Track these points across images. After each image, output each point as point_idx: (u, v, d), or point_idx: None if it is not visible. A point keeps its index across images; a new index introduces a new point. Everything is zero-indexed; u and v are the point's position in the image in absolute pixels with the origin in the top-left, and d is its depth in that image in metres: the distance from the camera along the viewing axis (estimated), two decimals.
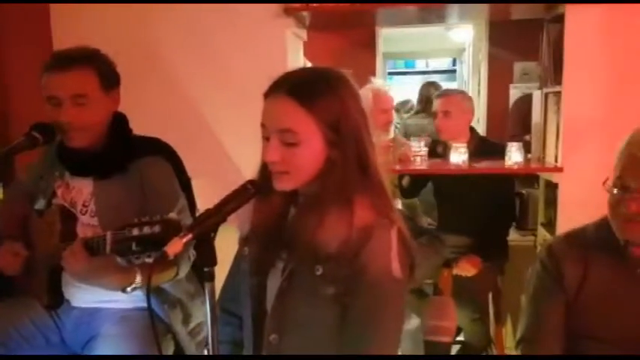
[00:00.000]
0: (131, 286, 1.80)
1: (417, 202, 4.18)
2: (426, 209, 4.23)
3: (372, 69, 5.62)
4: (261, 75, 1.45)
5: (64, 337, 2.15)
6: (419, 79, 8.49)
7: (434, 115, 3.65)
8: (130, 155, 2.09)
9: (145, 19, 3.25)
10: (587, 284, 1.76)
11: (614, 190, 1.64)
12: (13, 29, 3.14)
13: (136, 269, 1.78)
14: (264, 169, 1.48)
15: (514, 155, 3.15)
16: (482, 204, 3.41)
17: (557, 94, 3.15)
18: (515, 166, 3.18)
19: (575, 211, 2.29)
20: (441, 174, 3.57)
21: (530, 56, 4.38)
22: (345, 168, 1.42)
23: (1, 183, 2.73)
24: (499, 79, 5.67)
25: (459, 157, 3.25)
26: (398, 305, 1.48)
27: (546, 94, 3.37)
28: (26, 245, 2.07)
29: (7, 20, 3.11)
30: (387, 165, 1.55)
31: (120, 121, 2.16)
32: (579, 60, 2.99)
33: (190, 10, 3.21)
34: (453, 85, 8.14)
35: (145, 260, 1.58)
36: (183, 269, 2.01)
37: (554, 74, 3.20)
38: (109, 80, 2.06)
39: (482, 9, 3.48)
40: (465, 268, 3.34)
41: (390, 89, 3.86)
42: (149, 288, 1.33)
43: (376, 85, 3.68)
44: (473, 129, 3.66)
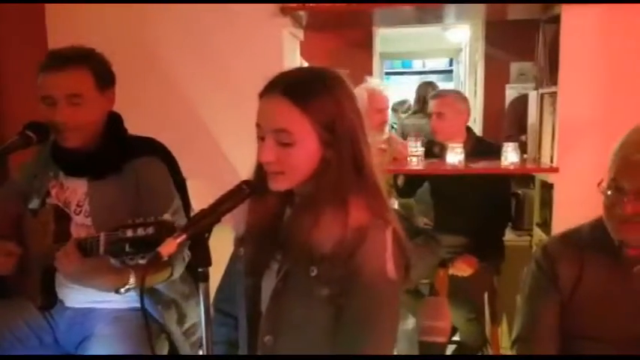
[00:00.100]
0: (125, 287, 1.79)
1: (414, 202, 4.17)
2: (423, 209, 4.23)
3: (369, 69, 5.63)
4: (258, 75, 1.45)
5: (57, 338, 2.14)
6: (416, 79, 8.51)
7: (429, 116, 3.64)
8: (125, 155, 2.08)
9: (141, 19, 3.24)
10: (582, 284, 1.76)
11: (608, 192, 1.64)
12: (8, 29, 3.13)
13: (130, 270, 1.77)
14: (259, 169, 1.48)
15: (510, 155, 3.15)
16: (479, 204, 3.41)
17: (553, 94, 3.15)
18: (511, 167, 3.18)
19: (571, 212, 2.29)
20: (438, 174, 3.56)
21: (527, 56, 4.39)
22: (340, 168, 1.42)
23: None
24: (495, 79, 5.68)
25: (455, 157, 3.24)
26: (393, 306, 1.48)
27: (542, 94, 3.38)
28: (20, 245, 2.06)
29: (2, 20, 3.10)
30: (382, 165, 1.54)
31: (115, 121, 2.15)
32: (575, 61, 2.99)
33: (186, 10, 3.21)
34: (449, 85, 8.15)
35: (139, 262, 1.58)
36: (177, 270, 2.01)
37: (550, 75, 3.20)
38: (104, 80, 2.06)
39: (479, 9, 3.49)
40: (461, 268, 3.33)
41: (386, 89, 3.84)
42: (142, 289, 1.32)
43: (371, 85, 3.67)
44: (469, 129, 3.66)
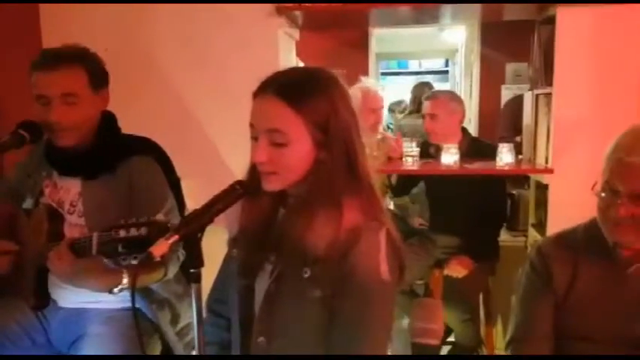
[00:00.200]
0: (118, 287, 1.79)
1: (409, 203, 4.17)
2: (419, 210, 4.23)
3: (365, 69, 5.62)
4: (253, 75, 1.44)
5: (50, 338, 2.14)
6: (412, 79, 8.52)
7: (423, 118, 3.64)
8: (119, 154, 2.08)
9: (137, 19, 3.24)
10: (576, 285, 1.77)
11: (602, 194, 1.64)
12: (2, 29, 3.12)
13: (123, 270, 1.77)
14: (252, 169, 1.48)
15: (505, 156, 3.15)
16: (474, 205, 3.41)
17: (548, 95, 3.15)
18: (506, 167, 3.18)
19: (566, 212, 2.28)
20: (433, 174, 3.55)
21: (522, 57, 4.39)
22: (334, 169, 1.41)
23: None
24: (491, 79, 5.68)
25: (450, 157, 3.24)
26: (386, 307, 1.47)
27: (537, 95, 3.38)
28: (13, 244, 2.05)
29: None
30: (376, 165, 1.54)
31: (108, 121, 2.15)
32: (570, 62, 2.99)
33: (182, 10, 3.20)
34: (445, 86, 8.17)
35: (132, 262, 1.57)
36: (171, 270, 2.00)
37: (544, 76, 3.21)
38: (98, 79, 2.05)
39: (475, 10, 3.48)
40: (456, 269, 3.33)
41: (381, 89, 3.84)
42: (133, 290, 1.32)
43: (366, 85, 3.66)
44: (465, 129, 3.66)
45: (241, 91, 1.47)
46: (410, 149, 3.41)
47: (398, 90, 8.76)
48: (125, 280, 1.79)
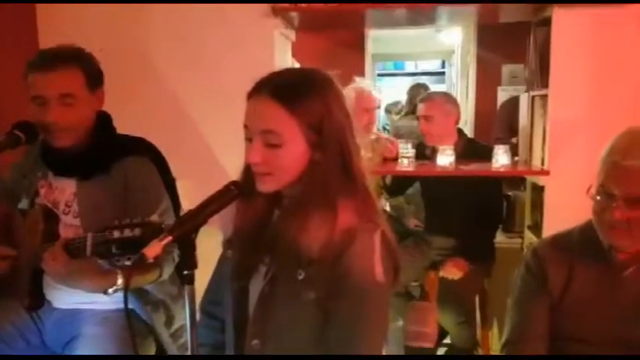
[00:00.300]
0: (112, 288, 1.78)
1: (405, 204, 4.17)
2: (414, 211, 4.23)
3: (361, 70, 5.61)
4: (249, 76, 1.44)
5: (44, 339, 2.13)
6: (408, 80, 8.51)
7: (418, 119, 3.64)
8: (114, 155, 2.07)
9: (132, 19, 3.24)
10: (571, 287, 1.77)
11: (597, 197, 1.64)
12: None
13: (117, 271, 1.77)
14: (247, 170, 1.47)
15: (501, 158, 3.15)
16: (470, 206, 3.40)
17: (544, 97, 3.16)
18: (502, 169, 3.18)
19: (561, 214, 2.28)
20: (429, 176, 3.55)
21: (519, 59, 4.40)
22: (328, 170, 1.41)
23: None
24: (487, 81, 5.68)
25: (445, 159, 3.24)
26: (381, 309, 1.47)
27: (533, 97, 3.38)
28: (9, 245, 2.04)
29: None
30: (371, 166, 1.54)
31: (104, 121, 2.14)
32: (566, 63, 3.00)
33: (178, 11, 3.20)
34: (441, 87, 8.15)
35: (126, 263, 1.57)
36: (166, 271, 2.00)
37: (540, 77, 3.21)
38: (94, 79, 2.05)
39: (471, 11, 3.49)
40: (452, 271, 3.33)
41: (375, 90, 3.82)
42: (126, 291, 1.31)
43: (360, 85, 3.65)
44: (461, 131, 3.66)
45: (237, 92, 1.47)
46: (405, 150, 3.40)
47: (394, 91, 8.76)
48: (120, 281, 1.78)
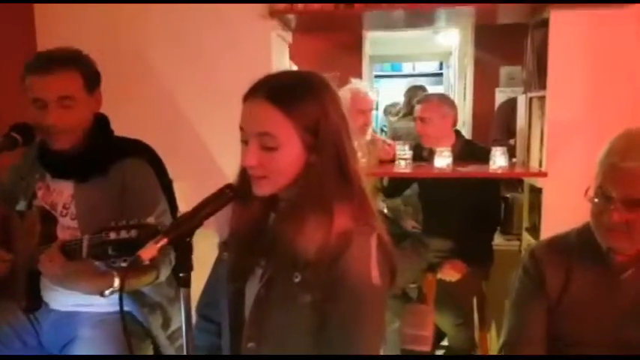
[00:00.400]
0: (109, 290, 1.78)
1: (401, 205, 4.17)
2: (412, 212, 4.23)
3: (359, 72, 5.61)
4: (246, 78, 1.44)
5: (41, 341, 2.13)
6: (406, 82, 8.51)
7: (415, 121, 3.64)
8: (111, 157, 2.08)
9: (130, 20, 3.24)
10: (569, 290, 1.76)
11: (595, 200, 1.64)
12: None
13: (114, 273, 1.77)
14: (243, 173, 1.47)
15: (498, 159, 3.16)
16: (468, 208, 3.40)
17: (542, 98, 3.16)
18: (500, 171, 3.18)
19: (559, 216, 2.29)
20: (426, 177, 3.55)
21: (516, 60, 4.39)
22: (324, 173, 1.40)
23: None
24: (485, 82, 5.68)
25: (443, 160, 3.24)
26: (378, 312, 1.46)
27: (530, 98, 3.38)
28: (6, 247, 2.05)
29: None
30: (367, 168, 1.53)
31: (101, 123, 2.15)
32: (563, 65, 3.00)
33: (175, 13, 3.20)
34: (439, 89, 8.17)
35: (122, 265, 1.58)
36: (163, 273, 2.00)
37: (538, 79, 3.21)
38: (92, 81, 2.05)
39: (469, 13, 3.48)
40: (449, 273, 3.33)
41: (370, 91, 3.82)
42: (121, 293, 1.31)
43: (355, 86, 3.65)
44: (458, 132, 3.66)
45: (233, 94, 1.47)
46: (403, 152, 3.40)
47: (392, 93, 8.77)
48: (116, 283, 1.78)
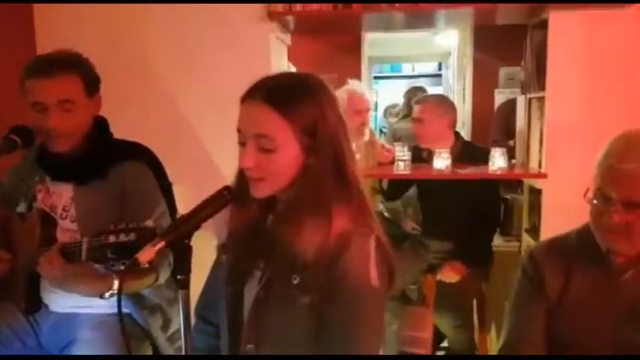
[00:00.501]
0: (108, 292, 1.79)
1: (400, 207, 4.16)
2: (411, 213, 4.22)
3: (358, 73, 5.60)
4: (245, 80, 1.44)
5: (41, 342, 2.14)
6: (405, 83, 8.52)
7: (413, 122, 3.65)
8: (111, 160, 2.08)
9: (130, 21, 3.24)
10: (569, 291, 1.76)
11: (594, 201, 1.63)
12: None
13: (113, 275, 1.77)
14: (240, 175, 1.47)
15: (497, 161, 3.15)
16: (467, 209, 3.40)
17: (541, 99, 3.16)
18: (499, 172, 3.17)
19: (559, 217, 2.28)
20: (425, 179, 3.55)
21: (516, 62, 4.39)
22: (322, 174, 1.41)
23: None
24: (484, 83, 5.67)
25: (442, 162, 3.24)
26: (377, 313, 1.46)
27: (530, 99, 3.38)
28: (6, 249, 2.05)
29: None
30: (365, 169, 1.53)
31: (101, 126, 2.15)
32: (562, 66, 3.00)
33: (174, 15, 3.20)
34: (438, 90, 8.16)
35: (121, 267, 1.59)
36: (162, 275, 2.01)
37: (537, 80, 3.21)
38: (92, 84, 2.07)
39: (468, 14, 3.48)
40: (449, 274, 3.32)
41: (367, 92, 3.80)
42: (119, 296, 1.31)
43: (352, 87, 3.64)
44: (457, 133, 3.66)
45: (233, 96, 1.47)
46: (402, 153, 3.40)
47: (392, 94, 8.77)
48: (116, 286, 1.79)
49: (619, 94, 2.97)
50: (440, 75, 9.18)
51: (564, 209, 2.30)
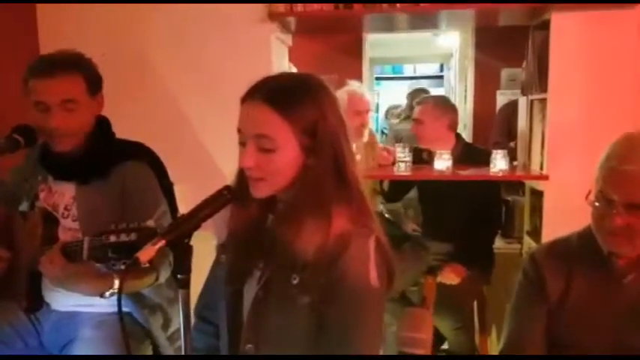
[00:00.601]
0: (109, 292, 1.79)
1: (401, 208, 4.16)
2: (412, 215, 4.22)
3: (359, 74, 5.59)
4: (246, 81, 1.44)
5: (42, 341, 2.14)
6: (407, 84, 8.51)
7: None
8: (113, 159, 2.09)
9: (132, 22, 3.25)
10: (570, 294, 1.76)
11: (596, 204, 1.63)
12: None
13: (114, 275, 1.77)
14: (240, 174, 1.47)
15: (499, 162, 3.15)
16: (468, 211, 3.40)
17: (543, 101, 3.15)
18: (500, 173, 3.17)
19: (561, 219, 2.28)
20: (426, 180, 3.55)
21: (517, 63, 4.39)
22: (322, 175, 1.41)
23: None
24: (486, 85, 5.66)
25: (442, 163, 3.24)
26: (376, 314, 1.46)
27: (532, 100, 3.38)
28: (8, 247, 2.05)
29: None
30: (365, 170, 1.53)
31: (103, 125, 2.16)
32: (564, 67, 2.99)
33: (176, 16, 3.21)
34: (440, 91, 8.16)
35: (121, 267, 1.59)
36: (163, 274, 2.01)
37: (539, 81, 3.20)
38: (94, 84, 2.07)
39: (469, 15, 3.48)
40: (449, 276, 3.32)
41: (369, 93, 3.81)
42: (120, 296, 1.31)
43: (351, 88, 3.64)
44: (459, 135, 3.66)
45: (234, 97, 1.47)
46: (403, 155, 3.40)
47: (393, 95, 8.77)
48: (117, 285, 1.79)
49: (621, 95, 2.96)
50: (441, 76, 9.17)
51: (566, 211, 2.29)
